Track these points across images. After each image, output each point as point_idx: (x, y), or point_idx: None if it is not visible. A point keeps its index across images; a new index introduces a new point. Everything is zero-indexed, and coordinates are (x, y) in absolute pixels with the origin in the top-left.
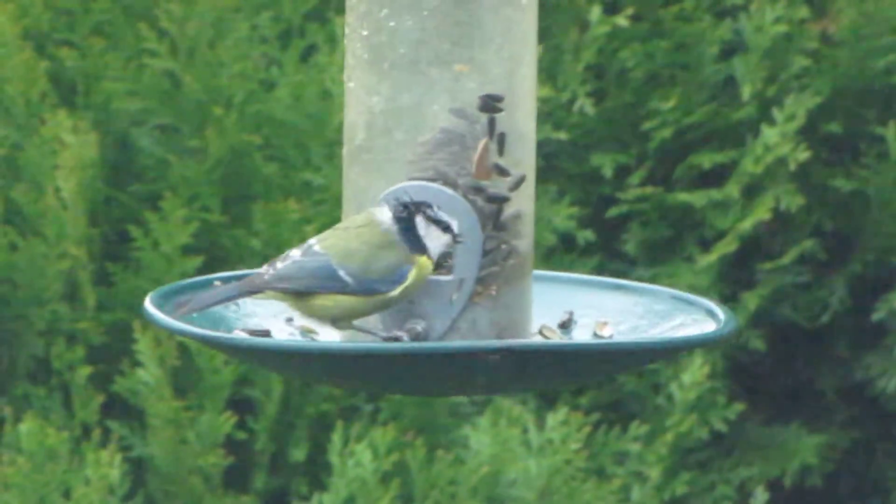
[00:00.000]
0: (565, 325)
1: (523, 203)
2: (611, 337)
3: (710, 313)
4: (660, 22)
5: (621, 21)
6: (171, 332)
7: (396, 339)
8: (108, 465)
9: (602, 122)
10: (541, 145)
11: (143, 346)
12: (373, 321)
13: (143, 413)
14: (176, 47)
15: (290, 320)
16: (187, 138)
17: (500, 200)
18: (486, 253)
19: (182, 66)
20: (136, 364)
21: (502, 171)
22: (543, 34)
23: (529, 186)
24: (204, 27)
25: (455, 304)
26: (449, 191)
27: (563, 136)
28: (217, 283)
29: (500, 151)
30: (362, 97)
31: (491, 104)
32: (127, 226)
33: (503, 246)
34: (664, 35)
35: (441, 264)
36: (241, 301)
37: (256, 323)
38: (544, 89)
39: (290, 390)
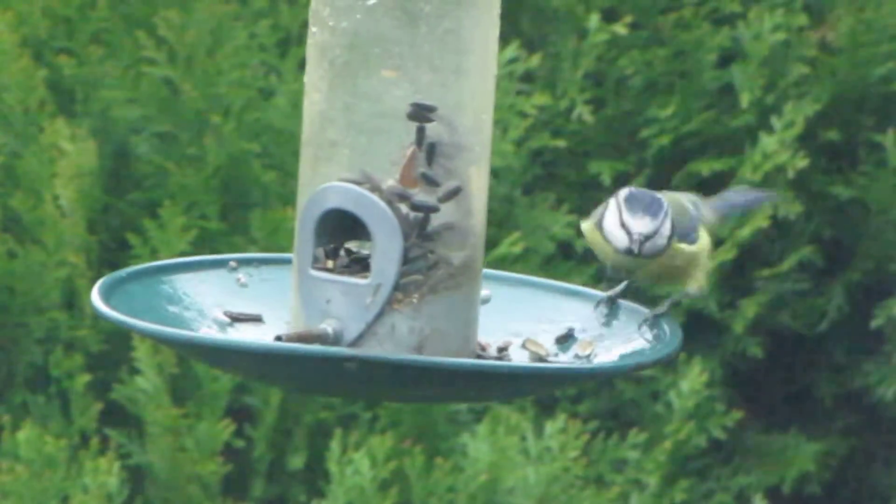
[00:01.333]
0: (561, 341)
1: (461, 216)
2: (588, 357)
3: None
4: (658, 30)
5: (620, 29)
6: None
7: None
8: (106, 473)
9: (600, 130)
10: (539, 153)
11: (141, 353)
12: (300, 313)
13: (141, 421)
14: (174, 55)
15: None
16: (186, 146)
17: (427, 209)
18: (408, 261)
19: (180, 74)
20: (135, 372)
21: (431, 181)
22: (541, 42)
23: (473, 201)
24: (202, 35)
25: (370, 309)
26: (370, 195)
27: (561, 143)
28: (233, 263)
29: (430, 161)
30: (308, 93)
31: (421, 113)
32: (125, 233)
33: (429, 255)
34: (663, 43)
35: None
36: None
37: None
38: (542, 97)
39: (288, 398)
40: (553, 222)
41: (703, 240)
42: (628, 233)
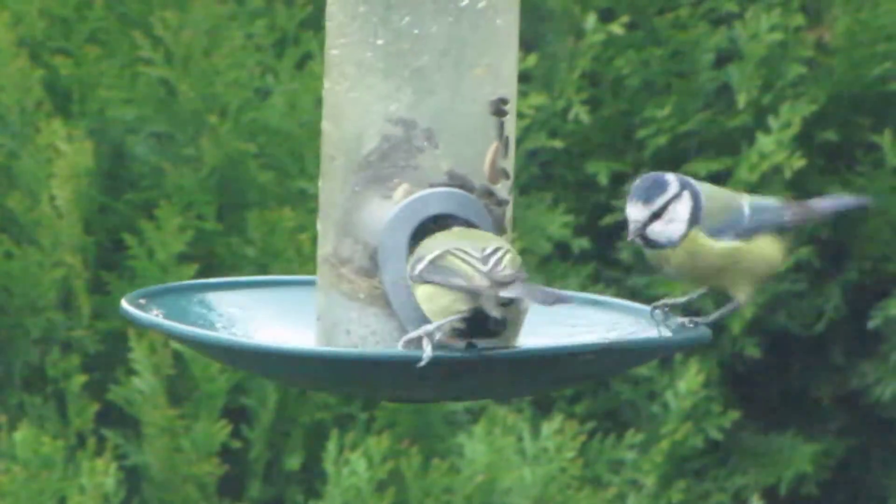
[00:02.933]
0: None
1: (511, 206)
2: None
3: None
4: (655, 30)
5: (616, 29)
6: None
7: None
8: (103, 474)
9: (597, 130)
10: (536, 154)
11: (138, 354)
12: (388, 324)
13: (138, 421)
14: (171, 55)
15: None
16: (182, 146)
17: (505, 204)
18: None
19: (177, 75)
20: (131, 372)
21: (506, 175)
22: (538, 42)
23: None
24: (199, 35)
25: None
26: (471, 196)
27: (558, 144)
28: (141, 300)
29: (506, 154)
30: (373, 105)
31: (500, 107)
32: (122, 234)
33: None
34: (659, 43)
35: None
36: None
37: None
38: (539, 97)
39: (285, 399)
40: (550, 222)
41: (755, 244)
42: (627, 221)
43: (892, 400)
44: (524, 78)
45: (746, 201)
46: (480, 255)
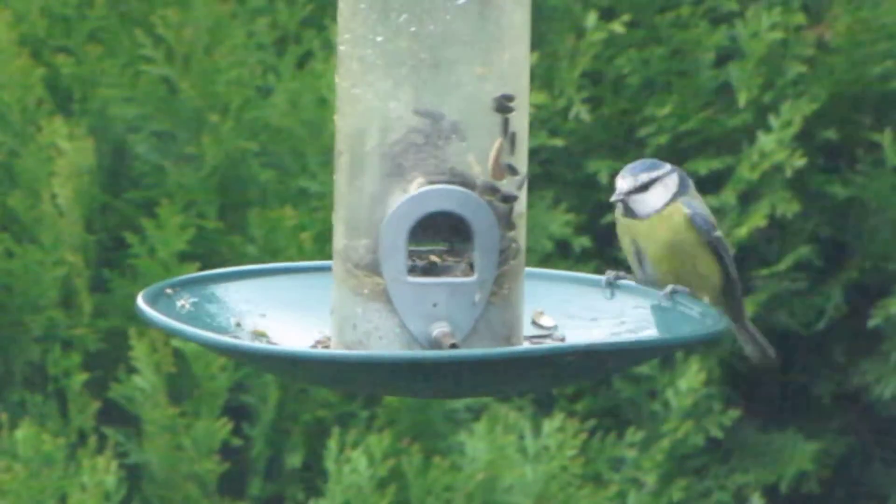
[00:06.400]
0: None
1: (524, 202)
2: (552, 327)
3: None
4: (656, 28)
5: (617, 28)
6: (169, 333)
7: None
8: (104, 472)
9: (598, 129)
10: (537, 152)
11: (138, 352)
12: (390, 320)
13: (138, 419)
14: (172, 54)
15: (238, 325)
16: (184, 145)
17: (512, 199)
18: (500, 252)
19: (178, 73)
20: (132, 370)
21: (513, 171)
22: (539, 41)
23: (526, 186)
24: (200, 34)
25: (478, 305)
26: (471, 193)
27: (559, 142)
28: (168, 290)
29: (512, 151)
30: (374, 102)
31: (504, 104)
32: (123, 232)
33: (513, 245)
34: (660, 42)
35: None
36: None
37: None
38: (540, 96)
39: (285, 396)
40: (551, 221)
41: (710, 251)
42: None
43: (892, 398)
44: None
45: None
46: None
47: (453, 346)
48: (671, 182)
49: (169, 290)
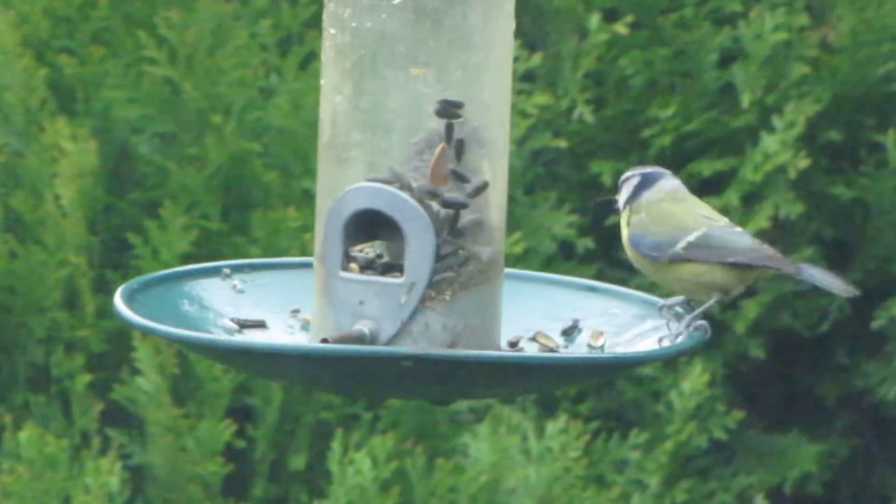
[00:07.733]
0: (568, 333)
1: (487, 211)
2: (601, 347)
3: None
4: (659, 29)
5: (621, 29)
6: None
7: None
8: (107, 473)
9: (601, 130)
10: (540, 153)
11: (142, 354)
12: (330, 315)
13: (142, 421)
14: (175, 55)
15: (296, 312)
16: (187, 146)
17: (457, 206)
18: (440, 258)
19: (181, 74)
20: (136, 372)
21: (460, 178)
22: (542, 42)
23: (497, 195)
24: (203, 35)
25: (405, 308)
26: (401, 194)
27: (562, 143)
28: (226, 270)
29: (459, 157)
30: (327, 96)
31: (449, 109)
32: (126, 233)
33: (460, 252)
34: (663, 43)
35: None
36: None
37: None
38: (543, 97)
39: (289, 398)
40: (554, 222)
41: (674, 267)
42: None
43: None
44: (528, 77)
45: (700, 232)
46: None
47: (324, 340)
48: (626, 189)
49: (227, 271)
